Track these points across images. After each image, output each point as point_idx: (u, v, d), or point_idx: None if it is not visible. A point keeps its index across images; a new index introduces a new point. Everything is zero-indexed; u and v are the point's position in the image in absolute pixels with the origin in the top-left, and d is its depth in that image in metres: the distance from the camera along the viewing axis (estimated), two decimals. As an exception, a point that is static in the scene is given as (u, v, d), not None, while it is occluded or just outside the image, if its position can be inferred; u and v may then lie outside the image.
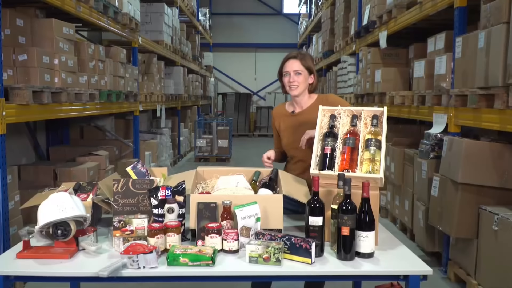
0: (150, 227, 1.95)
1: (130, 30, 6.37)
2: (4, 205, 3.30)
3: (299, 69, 2.68)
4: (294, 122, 2.78)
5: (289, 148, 2.79)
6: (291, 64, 2.69)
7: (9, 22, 3.78)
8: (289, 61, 2.70)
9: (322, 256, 1.98)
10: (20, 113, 3.51)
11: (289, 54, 2.74)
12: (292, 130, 2.77)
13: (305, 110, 2.78)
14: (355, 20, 7.41)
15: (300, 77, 2.68)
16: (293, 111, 2.81)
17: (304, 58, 2.70)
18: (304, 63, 2.69)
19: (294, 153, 2.77)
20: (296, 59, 2.69)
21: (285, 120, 2.83)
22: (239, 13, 18.37)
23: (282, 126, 2.83)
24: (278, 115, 2.89)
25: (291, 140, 2.75)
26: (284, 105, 2.92)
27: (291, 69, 2.68)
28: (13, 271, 1.84)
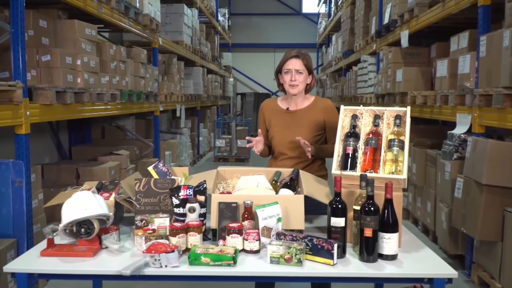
0: (172, 226, 1.96)
1: (150, 31, 6.42)
2: (28, 204, 3.36)
3: (300, 68, 2.69)
4: (288, 119, 2.76)
5: (279, 145, 2.77)
6: (294, 62, 2.69)
7: (32, 23, 3.85)
8: (291, 59, 2.70)
9: (344, 257, 1.96)
10: (44, 113, 3.56)
11: (291, 53, 2.74)
12: (285, 126, 2.76)
13: (302, 110, 2.77)
14: (376, 19, 7.33)
15: (301, 77, 2.69)
16: (288, 108, 2.80)
17: (305, 58, 2.72)
18: (305, 63, 2.71)
19: (283, 150, 2.76)
20: (298, 59, 2.69)
21: (277, 116, 2.80)
22: (258, 13, 18.37)
23: (273, 121, 2.81)
24: (269, 110, 2.85)
25: (282, 136, 2.75)
26: (276, 100, 2.89)
27: (294, 67, 2.68)
28: (37, 269, 1.87)
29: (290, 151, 2.72)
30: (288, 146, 2.72)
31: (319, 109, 2.76)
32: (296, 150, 2.69)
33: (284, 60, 2.73)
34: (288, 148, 2.72)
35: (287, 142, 2.72)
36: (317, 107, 2.77)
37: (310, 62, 2.75)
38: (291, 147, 2.71)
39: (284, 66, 2.72)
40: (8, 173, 3.31)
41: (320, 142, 2.75)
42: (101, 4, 4.54)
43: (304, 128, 2.71)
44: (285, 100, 2.84)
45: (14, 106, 3.17)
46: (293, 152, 2.71)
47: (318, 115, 2.74)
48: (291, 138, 2.69)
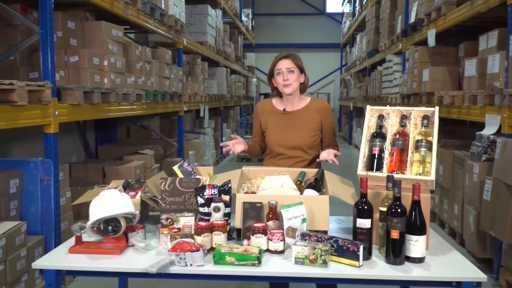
0: (197, 225, 1.97)
1: (175, 32, 6.48)
2: (56, 201, 3.42)
3: (291, 66, 2.72)
4: (285, 120, 2.79)
5: (275, 145, 2.79)
6: (284, 62, 2.73)
7: (61, 24, 3.93)
8: (281, 60, 2.74)
9: (370, 259, 1.94)
10: (72, 113, 3.63)
11: (280, 55, 2.78)
12: (282, 127, 2.78)
13: (299, 111, 2.80)
14: (402, 18, 7.23)
15: (293, 75, 2.72)
16: (284, 109, 2.82)
17: (295, 58, 2.76)
18: (296, 62, 2.74)
19: (280, 150, 2.79)
20: (287, 59, 2.74)
21: (273, 117, 2.83)
22: (282, 14, 18.34)
23: (269, 122, 2.83)
24: (264, 111, 2.87)
25: (278, 136, 2.78)
26: (271, 101, 2.90)
27: (284, 66, 2.72)
28: (65, 266, 1.90)
29: (288, 151, 2.76)
30: (285, 147, 2.76)
31: (315, 110, 2.79)
32: (293, 150, 2.74)
33: (274, 63, 2.78)
34: (285, 148, 2.76)
35: (284, 143, 2.76)
36: (313, 108, 2.80)
37: (300, 61, 2.79)
38: (288, 148, 2.75)
39: (275, 68, 2.76)
40: (37, 172, 3.38)
41: (317, 142, 2.79)
42: (128, 5, 4.60)
43: (301, 129, 2.75)
44: (281, 101, 2.87)
45: (43, 106, 3.24)
46: (290, 152, 2.75)
47: (314, 116, 2.78)
48: (288, 138, 2.75)
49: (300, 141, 2.73)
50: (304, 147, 2.72)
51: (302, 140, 2.73)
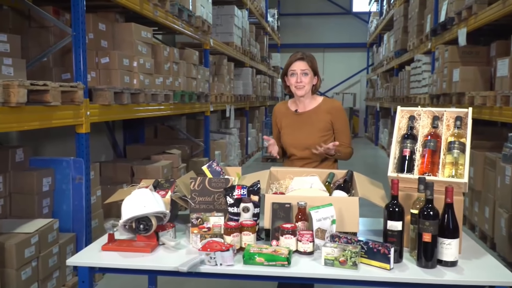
0: (227, 225, 1.98)
1: (202, 33, 6.53)
2: (87, 199, 3.50)
3: (306, 69, 2.73)
4: (297, 121, 2.81)
5: (289, 146, 2.82)
6: (299, 64, 2.74)
7: (92, 26, 4.02)
8: (296, 61, 2.74)
9: (401, 262, 1.91)
10: (102, 113, 3.71)
11: (296, 55, 2.77)
12: (294, 128, 2.81)
13: (310, 111, 2.81)
14: (431, 17, 7.11)
15: (307, 78, 2.73)
16: (296, 110, 2.84)
17: (310, 60, 2.76)
18: (310, 65, 2.74)
19: (293, 151, 2.81)
20: (303, 60, 2.74)
21: (287, 118, 2.86)
22: (307, 14, 18.25)
23: (283, 123, 2.86)
24: (280, 113, 2.92)
25: (292, 137, 2.80)
26: (286, 103, 2.93)
27: (299, 68, 2.72)
28: (98, 263, 1.95)
29: (300, 151, 2.77)
30: (297, 147, 2.78)
31: (326, 110, 2.79)
32: (305, 151, 2.75)
33: (289, 63, 2.78)
34: (297, 149, 2.78)
35: (296, 143, 2.78)
36: (324, 108, 2.80)
37: (315, 63, 2.79)
38: (300, 148, 2.76)
39: (290, 68, 2.77)
40: (69, 170, 3.47)
41: (328, 142, 2.74)
42: (157, 7, 4.67)
43: (311, 129, 2.76)
44: (294, 102, 2.89)
45: (76, 106, 3.31)
46: (302, 152, 2.76)
47: (324, 116, 2.77)
48: (300, 139, 2.77)
49: (310, 141, 2.72)
50: (314, 148, 2.68)
51: (312, 140, 2.72)
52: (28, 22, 3.81)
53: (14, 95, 2.59)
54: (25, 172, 3.32)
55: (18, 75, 2.97)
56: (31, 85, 2.73)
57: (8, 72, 2.92)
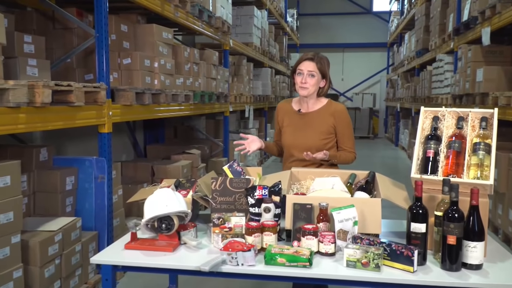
0: (248, 225, 1.99)
1: (222, 33, 6.56)
2: (109, 198, 3.55)
3: (314, 70, 2.66)
4: (299, 121, 2.76)
5: (288, 146, 2.77)
6: (307, 64, 2.67)
7: (114, 28, 4.07)
8: (305, 61, 2.68)
9: (425, 265, 1.89)
10: (124, 113, 3.75)
11: (307, 55, 2.71)
12: (295, 128, 2.75)
13: (313, 113, 2.75)
14: (454, 16, 7.00)
15: (313, 80, 2.67)
16: (299, 110, 2.78)
17: (320, 62, 2.68)
18: (319, 66, 2.67)
19: (292, 152, 2.75)
20: (312, 61, 2.67)
21: (290, 117, 2.81)
22: (327, 13, 18.16)
23: (285, 122, 2.81)
24: (283, 111, 2.87)
25: (292, 137, 2.75)
26: (291, 102, 2.88)
27: (306, 69, 2.66)
28: (121, 261, 1.97)
29: (299, 153, 2.69)
30: (297, 148, 2.72)
31: (330, 112, 2.73)
32: (301, 152, 2.65)
33: (299, 61, 2.72)
34: (297, 150, 2.72)
35: (296, 144, 2.73)
36: (328, 111, 2.74)
37: (326, 66, 2.71)
38: (300, 149, 2.69)
39: (298, 67, 2.71)
40: (91, 169, 3.52)
41: (329, 146, 2.71)
42: (177, 8, 4.70)
43: (313, 130, 2.70)
44: (298, 101, 2.84)
45: (98, 107, 3.36)
46: (301, 154, 2.65)
47: (327, 119, 2.72)
48: (300, 140, 2.71)
49: (310, 143, 2.67)
50: (314, 150, 2.60)
51: (312, 142, 2.66)
52: (52, 23, 3.88)
53: (39, 95, 2.64)
54: (49, 171, 3.38)
55: (42, 76, 3.03)
56: (56, 86, 2.77)
57: (33, 72, 2.98)
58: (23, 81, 2.56)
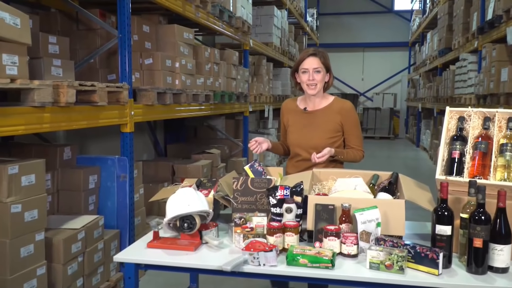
0: (270, 225, 1.98)
1: (242, 33, 6.57)
2: (130, 197, 3.58)
3: (318, 66, 2.61)
4: (305, 120, 2.71)
5: (294, 145, 2.72)
6: (311, 61, 2.61)
7: (136, 28, 4.11)
8: (308, 58, 2.62)
9: (450, 268, 1.85)
10: (146, 113, 3.78)
11: (308, 51, 2.64)
12: (301, 127, 2.70)
13: (319, 111, 2.70)
14: (477, 15, 6.87)
15: (319, 76, 2.62)
16: (305, 108, 2.73)
17: (323, 56, 2.63)
18: (323, 61, 2.62)
19: (298, 151, 2.71)
20: (315, 57, 2.61)
21: (294, 116, 2.76)
22: (347, 13, 18.03)
23: (291, 121, 2.77)
24: (288, 110, 2.82)
25: (297, 136, 2.70)
26: (295, 101, 2.83)
27: (311, 66, 2.60)
28: (144, 260, 1.98)
29: (305, 152, 2.66)
30: (303, 147, 2.68)
31: (336, 110, 2.68)
32: (311, 151, 2.59)
33: (301, 59, 2.65)
34: (303, 149, 2.68)
35: (302, 143, 2.68)
36: (334, 109, 2.69)
37: (328, 59, 2.67)
38: (306, 148, 2.65)
39: (301, 66, 2.65)
40: (114, 169, 3.56)
41: (336, 144, 2.67)
42: (198, 9, 4.72)
43: (320, 129, 2.66)
44: (304, 100, 2.78)
45: (121, 106, 3.40)
46: (308, 153, 2.61)
47: (334, 117, 2.67)
48: (306, 139, 2.67)
49: (317, 142, 2.62)
50: (321, 149, 2.55)
51: (319, 141, 2.62)
52: (76, 24, 3.94)
53: (63, 95, 2.68)
54: (72, 170, 3.43)
55: (66, 76, 3.08)
56: (80, 86, 2.81)
57: (57, 73, 3.03)
58: (48, 81, 2.60)
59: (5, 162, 2.59)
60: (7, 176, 2.51)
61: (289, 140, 2.77)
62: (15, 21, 2.37)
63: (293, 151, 2.77)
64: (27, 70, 2.48)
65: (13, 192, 2.55)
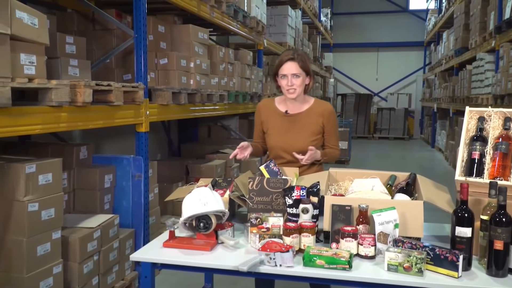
0: (286, 226, 1.97)
1: (256, 33, 6.56)
2: (145, 197, 3.59)
3: (297, 71, 2.56)
4: (286, 123, 2.67)
5: (277, 148, 2.69)
6: (289, 66, 2.56)
7: (152, 28, 4.13)
8: (287, 63, 2.57)
9: (469, 270, 1.82)
10: (161, 113, 3.79)
11: (286, 55, 2.58)
12: (283, 130, 2.67)
13: (301, 114, 2.67)
14: (495, 14, 6.77)
15: (298, 80, 2.57)
16: (286, 111, 2.69)
17: (302, 60, 2.58)
18: (301, 65, 2.57)
19: (281, 154, 2.67)
20: (294, 61, 2.56)
21: (275, 118, 2.71)
22: (361, 12, 17.92)
23: (270, 123, 2.72)
24: (266, 111, 2.76)
25: (280, 140, 2.67)
26: (273, 101, 2.77)
27: (289, 72, 2.56)
28: (160, 259, 1.98)
29: (288, 154, 2.64)
30: (285, 150, 2.65)
31: (318, 113, 2.67)
32: (290, 154, 2.60)
33: (279, 64, 2.60)
34: (286, 152, 2.65)
35: (285, 146, 2.65)
36: (316, 111, 2.67)
37: (307, 63, 2.61)
38: (288, 151, 2.63)
39: (280, 71, 2.60)
40: (129, 168, 3.57)
41: (318, 145, 2.66)
42: (213, 9, 4.73)
43: (303, 132, 2.64)
44: (283, 101, 2.74)
45: (136, 106, 3.41)
46: (290, 155, 2.61)
47: (317, 119, 2.66)
48: (290, 142, 2.64)
49: (301, 145, 2.61)
50: (305, 151, 2.56)
51: (303, 144, 2.60)
52: (92, 24, 3.97)
53: (80, 94, 2.70)
54: (88, 169, 3.45)
55: (83, 76, 3.10)
56: (96, 85, 2.83)
57: (74, 72, 3.05)
58: (65, 81, 2.62)
59: (22, 161, 2.61)
60: (24, 175, 2.54)
61: (270, 143, 2.73)
62: (33, 21, 2.40)
63: (275, 153, 2.73)
64: (44, 69, 2.50)
65: (30, 191, 2.57)
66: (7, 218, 2.56)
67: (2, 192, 2.56)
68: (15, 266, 2.56)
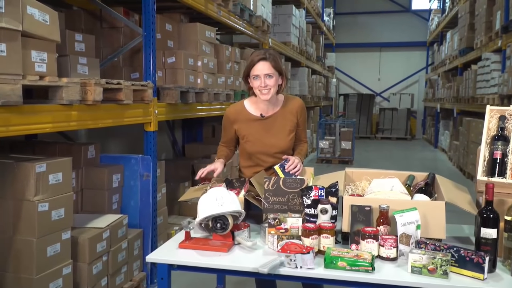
0: (305, 227, 1.92)
1: (261, 32, 6.52)
2: (153, 196, 3.55)
3: (270, 72, 2.46)
4: (263, 126, 2.59)
5: (258, 153, 2.60)
6: (262, 66, 2.46)
7: (159, 27, 4.08)
8: (259, 63, 2.46)
9: (494, 272, 1.78)
10: (169, 112, 3.75)
11: (257, 55, 2.49)
12: (261, 134, 2.59)
13: (276, 114, 2.61)
14: (501, 13, 6.73)
15: (272, 81, 2.47)
16: (262, 115, 2.60)
17: (274, 60, 2.48)
18: (274, 65, 2.47)
19: (263, 158, 2.60)
20: (266, 61, 2.46)
21: (250, 124, 2.60)
22: (364, 12, 17.88)
23: (245, 130, 2.61)
24: (237, 120, 2.64)
25: (260, 144, 2.59)
26: (242, 106, 2.65)
27: (262, 72, 2.46)
28: (176, 260, 1.94)
29: (270, 158, 2.59)
30: (268, 154, 2.59)
31: (292, 110, 2.62)
32: (276, 155, 2.56)
33: (251, 65, 2.50)
34: (267, 155, 2.59)
35: (265, 150, 2.59)
36: (290, 109, 2.62)
37: (279, 62, 2.52)
38: (270, 154, 2.58)
39: (252, 71, 2.50)
40: (137, 167, 3.53)
41: (293, 141, 2.65)
42: (220, 7, 4.68)
43: (281, 133, 2.59)
44: (254, 104, 2.63)
45: (145, 105, 3.37)
46: (273, 157, 2.57)
47: (292, 117, 2.61)
48: (270, 144, 2.58)
49: (281, 145, 2.58)
50: (285, 150, 2.57)
51: (283, 143, 2.58)
52: (100, 22, 3.92)
53: (90, 93, 2.66)
54: (96, 169, 3.41)
55: (92, 74, 3.06)
56: (107, 84, 2.79)
57: (83, 71, 3.01)
58: (76, 79, 2.58)
59: (32, 160, 2.57)
60: (34, 174, 2.49)
61: (250, 149, 2.63)
62: (44, 17, 2.35)
63: (256, 158, 2.63)
64: (55, 67, 2.46)
65: (40, 190, 2.52)
66: (16, 218, 2.51)
67: (12, 191, 2.52)
68: (25, 267, 2.51)
